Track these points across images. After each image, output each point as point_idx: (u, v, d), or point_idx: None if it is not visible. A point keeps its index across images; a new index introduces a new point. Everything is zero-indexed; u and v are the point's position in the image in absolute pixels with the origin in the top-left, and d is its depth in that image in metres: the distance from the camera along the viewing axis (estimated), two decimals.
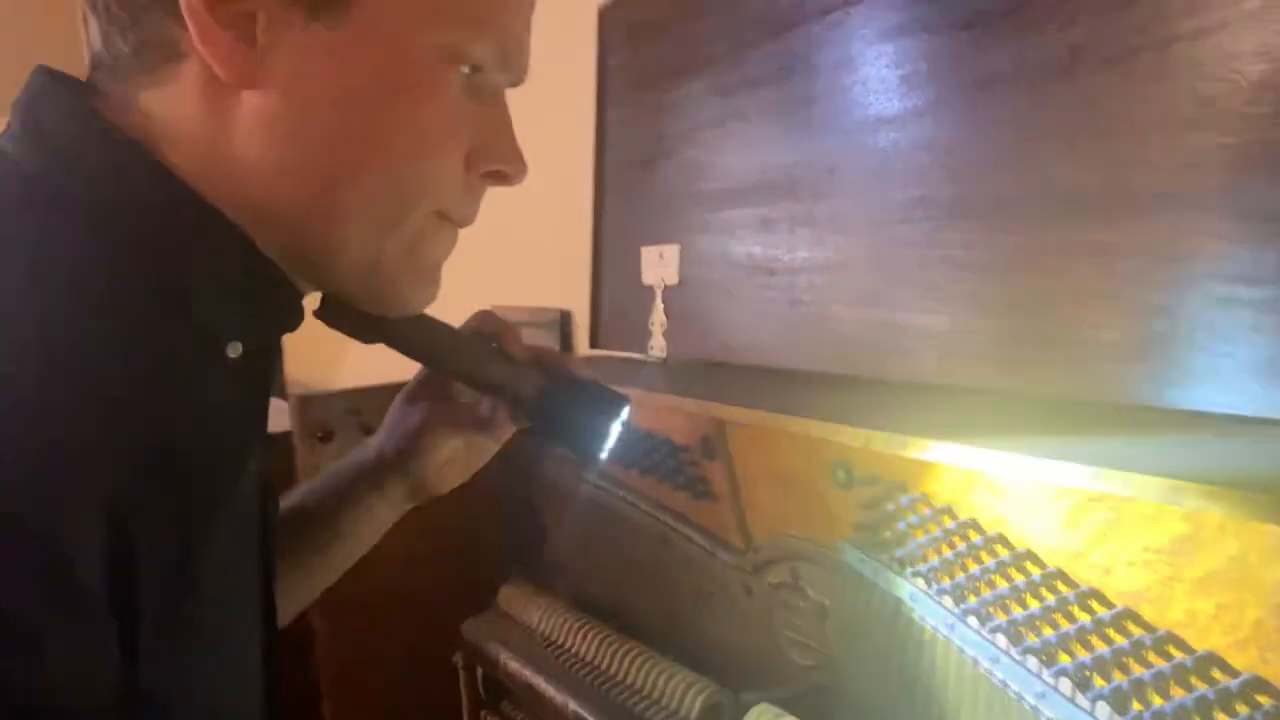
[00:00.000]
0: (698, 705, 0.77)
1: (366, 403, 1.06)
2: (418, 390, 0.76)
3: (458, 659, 1.03)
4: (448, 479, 0.75)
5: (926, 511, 0.65)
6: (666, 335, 1.13)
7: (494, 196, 0.60)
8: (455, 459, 0.75)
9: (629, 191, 1.23)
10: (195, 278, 0.50)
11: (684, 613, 0.91)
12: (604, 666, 0.88)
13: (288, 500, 0.75)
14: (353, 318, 0.63)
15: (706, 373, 1.04)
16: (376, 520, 0.75)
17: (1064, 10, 0.73)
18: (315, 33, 0.49)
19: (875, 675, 0.71)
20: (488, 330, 0.72)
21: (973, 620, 0.62)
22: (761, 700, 0.72)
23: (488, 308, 0.73)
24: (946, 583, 0.64)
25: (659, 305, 1.14)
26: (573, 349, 1.48)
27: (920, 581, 0.65)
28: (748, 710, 0.73)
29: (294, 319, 0.57)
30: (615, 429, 0.70)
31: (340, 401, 1.06)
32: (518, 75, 0.58)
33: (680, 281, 1.11)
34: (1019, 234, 0.78)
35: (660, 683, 0.81)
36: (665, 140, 1.15)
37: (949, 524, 0.64)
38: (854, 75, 0.90)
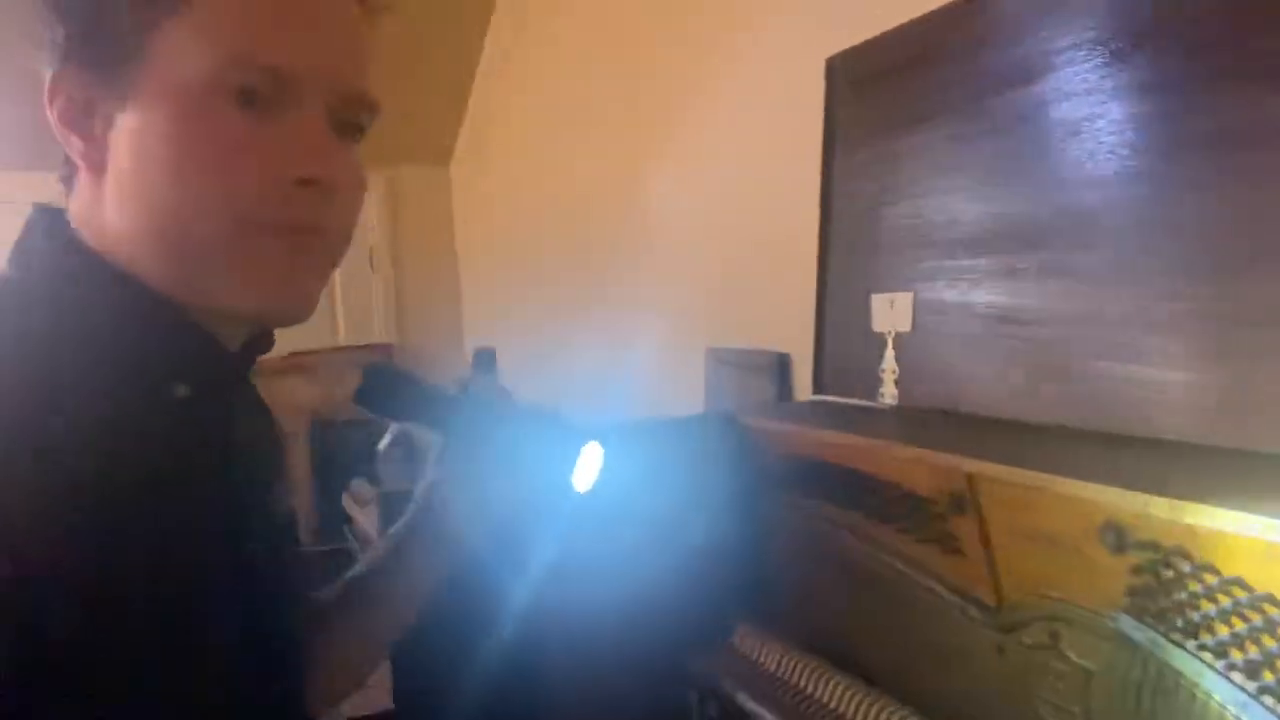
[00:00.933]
0: None
1: None
2: (433, 455, 0.85)
3: (691, 695, 1.06)
4: (471, 527, 0.83)
5: (1214, 581, 0.63)
6: (898, 383, 1.13)
7: (712, 239, 0.61)
8: (473, 509, 0.82)
9: (856, 238, 1.23)
10: (119, 333, 0.60)
11: (924, 667, 0.90)
12: (847, 715, 0.88)
13: (360, 562, 0.85)
14: (377, 401, 0.73)
15: (943, 422, 1.03)
16: (427, 571, 0.84)
17: None
18: (129, 111, 0.60)
19: None
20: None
21: (1268, 699, 0.59)
22: None
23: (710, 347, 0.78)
24: (1238, 658, 0.61)
25: (890, 353, 1.14)
26: (791, 393, 1.50)
27: (1207, 655, 0.63)
28: None
29: (218, 358, 0.66)
30: (585, 462, 0.76)
31: None
32: (316, 91, 0.61)
33: (913, 329, 1.11)
34: None
35: None
36: (897, 188, 1.16)
37: (1241, 596, 0.61)
38: (1111, 125, 0.88)
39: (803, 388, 1.48)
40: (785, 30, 1.52)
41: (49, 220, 0.65)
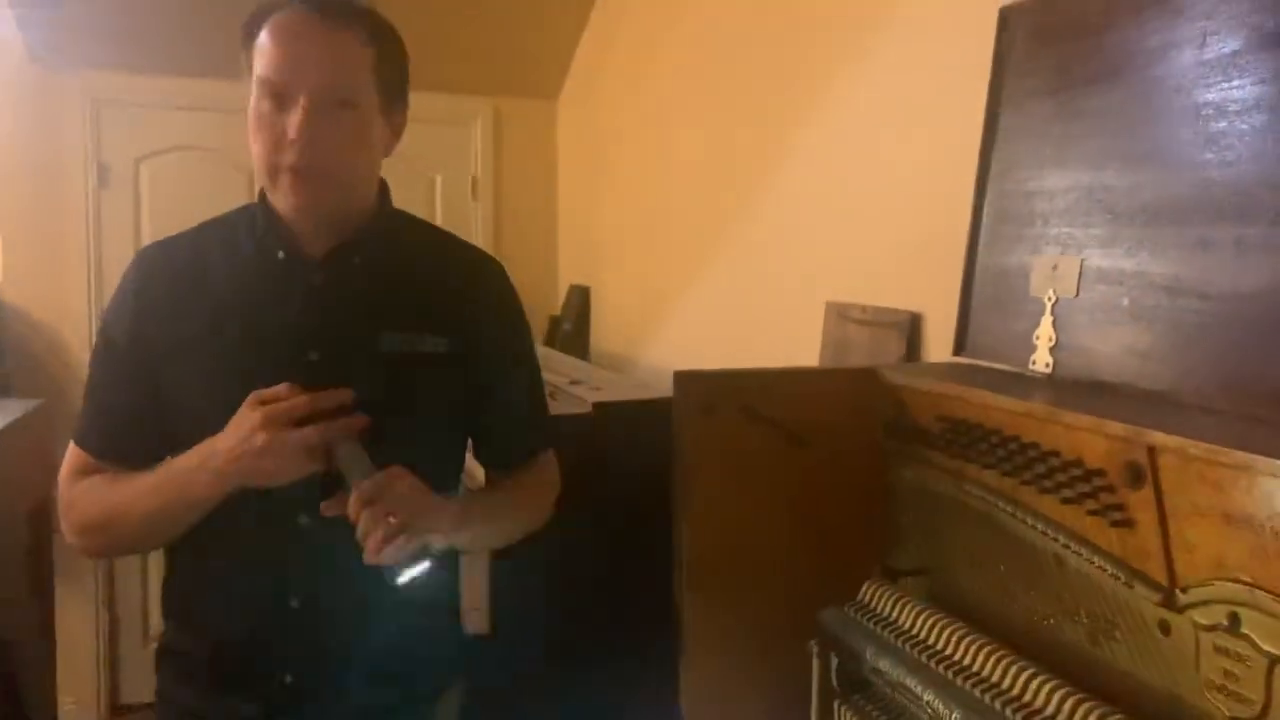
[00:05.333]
0: None
1: (746, 383, 1.11)
2: None
3: (813, 646, 1.06)
4: None
5: None
6: (1053, 350, 1.09)
7: (844, 191, 0.54)
8: None
9: (1017, 198, 1.19)
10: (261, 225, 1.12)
11: (1076, 637, 0.88)
12: (988, 678, 0.87)
13: None
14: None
15: (1108, 394, 0.99)
16: None
17: None
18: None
19: None
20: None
21: None
22: None
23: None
24: None
25: (1048, 318, 1.10)
26: (919, 354, 1.47)
27: None
28: None
29: (290, 242, 1.11)
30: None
31: (722, 380, 1.11)
32: (299, 93, 1.03)
33: (1077, 295, 1.07)
34: None
35: (1055, 701, 0.79)
36: (1071, 149, 1.11)
37: None
38: None
39: (934, 349, 1.45)
40: None
41: None
